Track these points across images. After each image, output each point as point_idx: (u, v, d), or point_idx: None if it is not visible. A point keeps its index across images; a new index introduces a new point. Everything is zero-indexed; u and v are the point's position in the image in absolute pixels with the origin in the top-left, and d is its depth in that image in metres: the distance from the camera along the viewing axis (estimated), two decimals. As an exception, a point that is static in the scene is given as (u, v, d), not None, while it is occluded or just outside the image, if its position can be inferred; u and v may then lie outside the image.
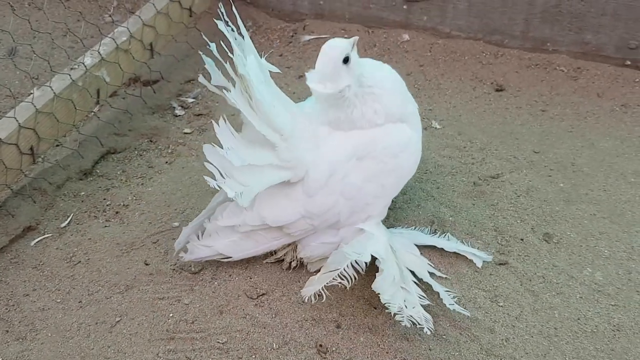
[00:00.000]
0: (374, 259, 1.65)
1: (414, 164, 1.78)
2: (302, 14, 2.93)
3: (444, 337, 1.63)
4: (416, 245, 1.83)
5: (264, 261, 1.84)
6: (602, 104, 2.42)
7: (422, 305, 1.63)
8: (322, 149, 1.70)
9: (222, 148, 1.65)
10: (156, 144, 2.32)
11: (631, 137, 2.26)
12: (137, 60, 2.44)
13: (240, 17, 1.74)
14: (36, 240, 1.94)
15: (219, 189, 1.67)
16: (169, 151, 2.28)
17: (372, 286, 1.60)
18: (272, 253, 1.83)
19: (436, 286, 1.71)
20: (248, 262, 1.83)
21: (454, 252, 1.83)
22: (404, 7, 2.75)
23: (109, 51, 2.30)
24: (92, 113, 2.40)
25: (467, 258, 1.82)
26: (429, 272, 1.76)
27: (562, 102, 2.43)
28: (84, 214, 2.04)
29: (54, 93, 2.08)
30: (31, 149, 2.02)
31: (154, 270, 1.84)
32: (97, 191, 2.12)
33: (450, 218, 1.95)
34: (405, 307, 1.59)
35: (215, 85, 1.71)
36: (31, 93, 2.11)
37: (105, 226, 1.99)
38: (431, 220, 1.94)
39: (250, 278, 1.79)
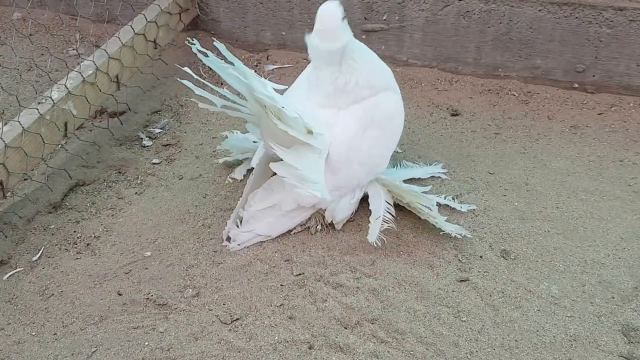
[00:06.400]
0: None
1: (402, 121, 2.09)
2: (265, 45, 3.02)
3: (411, 352, 1.70)
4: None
5: (292, 232, 2.03)
6: (553, 126, 2.55)
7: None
8: (334, 129, 1.94)
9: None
10: (125, 175, 2.35)
11: (581, 156, 2.40)
12: (103, 92, 2.48)
13: (205, 47, 1.84)
14: (8, 274, 1.95)
15: (309, 193, 1.88)
16: (138, 182, 2.32)
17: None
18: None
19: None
20: (220, 289, 1.88)
21: (419, 268, 1.93)
22: (363, 36, 2.86)
23: (76, 84, 2.34)
24: (60, 146, 2.42)
25: (432, 275, 1.91)
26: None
27: (514, 125, 2.56)
28: (54, 247, 2.06)
29: (23, 128, 2.10)
30: (0, 183, 2.04)
31: (127, 300, 1.87)
32: (67, 224, 2.15)
33: (413, 239, 2.03)
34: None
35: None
36: (-1, 128, 2.13)
37: (77, 258, 2.02)
38: (396, 243, 2.02)
39: (224, 304, 1.84)
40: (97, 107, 2.49)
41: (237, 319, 1.80)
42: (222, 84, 2.84)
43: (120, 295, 1.88)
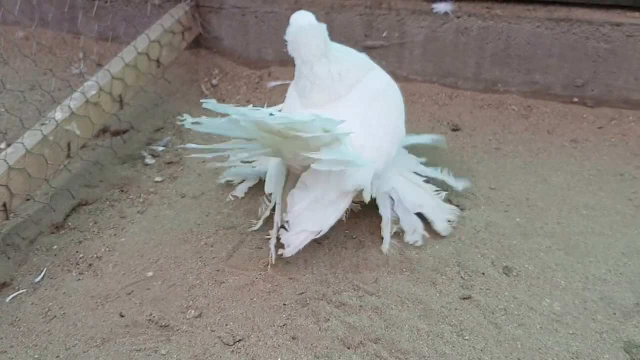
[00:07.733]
0: None
1: (397, 90, 2.18)
2: (267, 62, 3.04)
3: (414, 372, 1.70)
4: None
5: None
6: (553, 140, 2.56)
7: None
8: (344, 111, 1.95)
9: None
10: (127, 194, 2.37)
11: (581, 171, 2.40)
12: (106, 112, 2.49)
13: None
14: (11, 296, 1.96)
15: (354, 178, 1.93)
16: (141, 200, 2.34)
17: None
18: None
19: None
20: (223, 309, 1.89)
21: (422, 285, 1.93)
22: (363, 53, 2.87)
23: (79, 105, 2.36)
24: (63, 166, 2.44)
25: (435, 292, 1.91)
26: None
27: (514, 140, 2.57)
28: (57, 268, 2.06)
29: (26, 149, 2.12)
30: (4, 205, 2.05)
31: (129, 321, 1.87)
32: (69, 244, 2.15)
33: (416, 255, 2.04)
34: None
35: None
36: (2, 149, 2.15)
37: (79, 279, 2.02)
38: (399, 260, 2.02)
39: (226, 325, 1.85)
40: (100, 126, 2.51)
41: (240, 339, 1.80)
42: (223, 100, 2.87)
43: (122, 316, 1.88)
